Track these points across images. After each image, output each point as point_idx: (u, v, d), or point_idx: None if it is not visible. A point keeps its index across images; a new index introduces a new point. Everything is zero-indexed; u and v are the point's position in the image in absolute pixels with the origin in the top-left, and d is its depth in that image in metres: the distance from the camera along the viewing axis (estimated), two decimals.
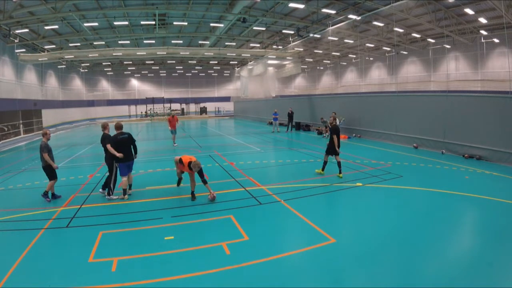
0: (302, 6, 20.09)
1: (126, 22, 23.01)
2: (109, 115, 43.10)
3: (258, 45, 32.96)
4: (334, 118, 9.64)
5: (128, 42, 29.24)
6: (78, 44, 28.35)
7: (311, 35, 25.92)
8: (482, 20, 21.46)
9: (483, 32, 24.60)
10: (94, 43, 28.67)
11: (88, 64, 40.19)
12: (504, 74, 23.29)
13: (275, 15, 22.66)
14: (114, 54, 28.87)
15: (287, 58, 30.97)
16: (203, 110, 47.54)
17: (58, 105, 34.60)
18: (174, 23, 23.69)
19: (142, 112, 44.32)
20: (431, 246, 4.63)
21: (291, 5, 19.92)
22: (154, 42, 29.96)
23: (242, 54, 34.01)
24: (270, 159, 11.60)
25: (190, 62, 44.56)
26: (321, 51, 35.79)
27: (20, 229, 5.59)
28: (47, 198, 7.09)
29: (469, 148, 10.84)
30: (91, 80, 45.52)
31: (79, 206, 6.72)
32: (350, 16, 20.24)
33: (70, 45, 28.36)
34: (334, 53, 36.72)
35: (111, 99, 48.56)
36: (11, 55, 23.48)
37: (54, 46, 28.40)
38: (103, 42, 28.52)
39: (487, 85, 25.26)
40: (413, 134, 13.33)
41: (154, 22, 22.51)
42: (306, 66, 47.26)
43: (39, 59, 26.29)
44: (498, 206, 6.19)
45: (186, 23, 23.63)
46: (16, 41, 22.01)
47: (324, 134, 17.47)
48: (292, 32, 26.41)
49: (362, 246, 4.67)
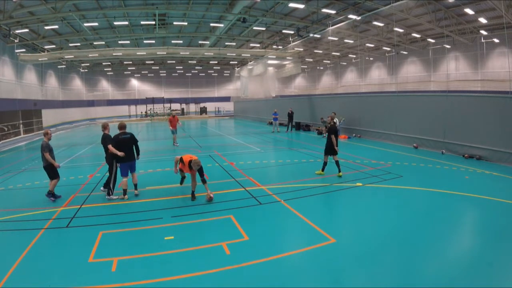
0: (302, 6, 20.10)
1: (126, 22, 23.02)
2: (109, 115, 43.13)
3: (258, 45, 32.96)
4: (331, 118, 9.67)
5: (128, 42, 29.24)
6: (78, 44, 28.36)
7: (311, 35, 25.92)
8: (482, 20, 21.46)
9: (483, 32, 24.60)
10: (94, 43, 28.68)
11: (88, 64, 40.19)
12: (504, 74, 23.29)
13: (275, 15, 22.67)
14: (114, 54, 28.88)
15: (287, 58, 30.96)
16: (203, 110, 47.54)
17: (58, 105, 34.62)
18: (174, 23, 23.69)
19: (142, 112, 44.33)
20: (431, 246, 4.63)
21: (291, 5, 19.92)
22: (154, 42, 29.96)
23: (242, 54, 34.01)
24: (270, 159, 11.60)
25: (190, 62, 44.56)
26: (321, 51, 35.79)
27: (20, 229, 5.60)
28: (51, 197, 7.08)
29: (469, 148, 10.84)
30: (91, 80, 45.52)
31: (79, 206, 6.72)
32: (350, 16, 20.25)
33: (70, 45, 28.37)
34: (334, 53, 36.72)
35: (111, 99, 48.57)
36: (11, 55, 23.49)
37: (54, 46, 28.40)
38: (103, 42, 28.53)
39: (487, 85, 25.26)
40: (413, 134, 13.34)
41: (154, 22, 22.52)
42: (306, 66, 47.26)
43: (39, 59, 26.30)
44: (498, 206, 6.19)
45: (186, 23, 23.64)
46: (16, 41, 22.02)
47: (324, 134, 17.47)
48: (292, 32, 26.41)
49: (362, 246, 4.67)
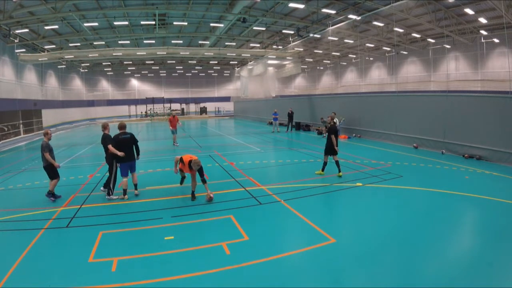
0: (302, 6, 20.10)
1: (126, 22, 23.01)
2: (109, 115, 43.13)
3: (258, 45, 32.96)
4: (331, 118, 9.67)
5: (128, 42, 29.24)
6: (78, 44, 28.36)
7: (311, 35, 25.92)
8: (482, 20, 21.46)
9: (483, 32, 24.60)
10: (94, 43, 28.68)
11: (88, 64, 40.19)
12: (504, 74, 23.29)
13: (275, 15, 22.66)
14: (114, 54, 28.87)
15: (287, 58, 30.96)
16: (203, 110, 47.54)
17: (58, 105, 34.61)
18: (174, 23, 23.69)
19: (142, 112, 44.33)
20: (431, 246, 4.63)
21: (291, 5, 19.92)
22: (154, 42, 29.96)
23: (242, 54, 34.01)
24: (270, 159, 11.60)
25: (190, 62, 44.56)
26: (321, 51, 35.78)
27: (20, 229, 5.59)
28: (51, 197, 7.07)
29: (469, 148, 10.84)
30: (91, 80, 45.52)
31: (79, 206, 6.72)
32: (350, 16, 20.25)
33: (70, 45, 28.36)
34: (334, 53, 36.71)
35: (111, 99, 48.57)
36: (11, 55, 23.49)
37: (54, 46, 28.40)
38: (103, 42, 28.52)
39: (487, 85, 25.26)
40: (413, 134, 13.34)
41: (154, 22, 22.52)
42: (306, 66, 47.25)
43: (39, 59, 26.30)
44: (498, 206, 6.19)
45: (186, 23, 23.64)
46: (16, 41, 22.02)
47: (324, 134, 17.48)
48: (292, 32, 26.41)
49: (362, 246, 4.67)
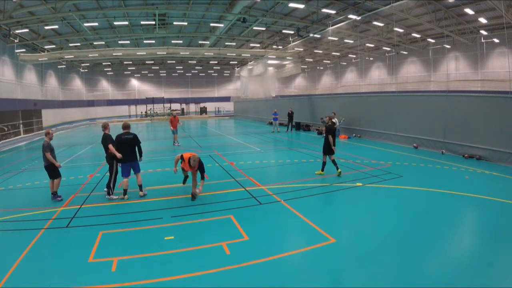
0: (302, 6, 20.10)
1: (126, 22, 23.01)
2: (109, 115, 43.13)
3: (258, 45, 32.96)
4: (330, 118, 9.70)
5: (128, 42, 29.24)
6: (78, 44, 28.36)
7: (311, 35, 25.92)
8: (482, 20, 21.46)
9: (483, 32, 24.60)
10: (94, 43, 28.68)
11: (88, 64, 40.19)
12: (504, 74, 23.28)
13: (275, 15, 22.66)
14: (114, 54, 28.88)
15: (287, 58, 30.96)
16: (203, 110, 47.54)
17: (58, 105, 34.62)
18: (174, 23, 23.69)
19: (142, 112, 44.33)
20: (431, 246, 4.63)
21: (291, 5, 19.92)
22: (154, 42, 29.96)
23: (242, 54, 34.01)
24: (270, 159, 11.60)
25: (190, 62, 44.56)
26: (321, 51, 35.78)
27: (20, 229, 5.59)
28: (57, 198, 7.05)
29: (469, 148, 10.84)
30: (91, 80, 45.52)
31: (79, 206, 6.72)
32: (350, 16, 20.25)
33: (70, 45, 28.37)
34: (334, 53, 36.71)
35: (111, 99, 48.57)
36: (11, 55, 23.49)
37: (54, 46, 28.40)
38: (103, 42, 28.53)
39: (487, 85, 25.26)
40: (413, 134, 13.33)
41: (154, 22, 22.52)
42: (306, 66, 47.25)
43: (39, 59, 26.30)
44: (498, 206, 6.19)
45: (186, 23, 23.64)
46: (16, 41, 22.02)
47: (323, 134, 17.45)
48: (292, 32, 26.41)
49: (362, 246, 4.67)
